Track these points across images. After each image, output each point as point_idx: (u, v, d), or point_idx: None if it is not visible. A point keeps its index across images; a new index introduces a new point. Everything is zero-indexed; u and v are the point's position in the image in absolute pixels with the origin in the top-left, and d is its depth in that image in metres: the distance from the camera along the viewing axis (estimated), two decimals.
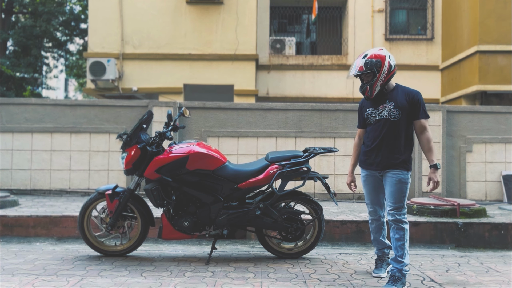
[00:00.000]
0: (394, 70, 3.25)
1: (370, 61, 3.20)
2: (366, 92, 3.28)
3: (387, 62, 3.21)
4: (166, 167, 3.73)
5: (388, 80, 3.25)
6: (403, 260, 3.15)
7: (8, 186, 6.64)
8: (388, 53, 3.27)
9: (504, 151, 6.76)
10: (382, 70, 3.19)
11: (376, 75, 3.20)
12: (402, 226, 3.19)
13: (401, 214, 3.21)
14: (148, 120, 3.96)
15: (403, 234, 3.18)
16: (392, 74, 3.24)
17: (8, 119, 6.67)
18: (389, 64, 3.23)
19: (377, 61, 3.20)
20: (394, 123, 3.23)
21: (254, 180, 3.80)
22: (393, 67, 3.24)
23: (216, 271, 3.52)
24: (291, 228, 3.88)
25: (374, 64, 3.19)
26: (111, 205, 3.86)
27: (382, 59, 3.21)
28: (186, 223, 3.79)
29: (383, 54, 3.24)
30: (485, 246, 4.74)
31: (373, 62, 3.19)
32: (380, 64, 3.19)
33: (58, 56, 18.46)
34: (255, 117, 6.76)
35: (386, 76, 3.22)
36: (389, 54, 3.27)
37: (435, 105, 6.89)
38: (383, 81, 3.22)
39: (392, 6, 12.30)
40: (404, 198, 3.23)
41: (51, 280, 3.22)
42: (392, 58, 3.28)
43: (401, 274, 3.15)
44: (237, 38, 10.78)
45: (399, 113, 3.21)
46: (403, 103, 3.23)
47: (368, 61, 3.21)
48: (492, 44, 9.76)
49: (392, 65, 3.24)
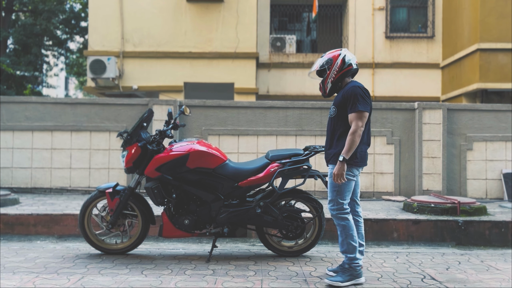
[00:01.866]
0: (348, 67, 3.25)
1: (323, 60, 3.30)
2: (320, 89, 3.37)
3: (339, 60, 3.24)
4: (167, 165, 3.73)
5: (341, 77, 3.26)
6: (347, 255, 3.21)
7: (8, 184, 6.64)
8: (346, 53, 3.28)
9: (505, 149, 6.75)
10: (332, 67, 3.25)
11: (326, 73, 3.28)
12: (337, 222, 3.24)
13: (335, 209, 3.22)
14: (149, 118, 3.96)
15: (341, 230, 3.22)
16: (345, 71, 3.25)
17: (9, 118, 6.67)
18: (342, 61, 3.24)
19: (329, 59, 3.28)
20: (331, 120, 3.31)
21: (255, 179, 3.80)
22: (347, 65, 3.25)
23: (216, 269, 3.52)
24: (292, 227, 3.88)
25: (326, 62, 3.28)
26: (111, 203, 3.87)
27: (335, 57, 3.26)
28: (186, 221, 3.79)
29: (338, 53, 3.29)
30: (485, 244, 4.74)
31: (325, 60, 3.28)
32: (331, 62, 3.26)
33: (58, 55, 18.45)
34: (256, 116, 6.76)
35: (337, 73, 3.24)
36: (345, 54, 3.28)
37: (435, 103, 6.89)
38: (334, 78, 3.25)
39: (393, 4, 12.28)
40: (335, 192, 3.21)
41: (51, 278, 3.23)
42: (350, 57, 3.28)
43: (350, 266, 3.20)
44: (237, 36, 10.77)
45: (335, 110, 3.26)
46: (338, 99, 3.24)
47: (321, 60, 3.31)
48: (493, 42, 9.75)
49: (347, 62, 3.25)
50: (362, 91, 3.15)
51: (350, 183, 3.22)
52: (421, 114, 6.68)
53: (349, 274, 3.18)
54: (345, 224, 3.22)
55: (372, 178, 6.73)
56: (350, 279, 3.18)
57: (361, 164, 3.24)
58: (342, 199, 3.22)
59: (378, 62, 12.02)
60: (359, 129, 3.09)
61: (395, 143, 6.73)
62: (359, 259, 3.23)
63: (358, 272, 3.21)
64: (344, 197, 3.22)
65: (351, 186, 3.25)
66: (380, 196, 6.68)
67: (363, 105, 3.11)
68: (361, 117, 3.11)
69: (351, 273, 3.18)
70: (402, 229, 4.79)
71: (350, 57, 3.28)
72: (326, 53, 3.37)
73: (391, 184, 6.73)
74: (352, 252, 3.20)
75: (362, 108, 3.10)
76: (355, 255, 3.21)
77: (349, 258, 3.21)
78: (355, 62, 3.31)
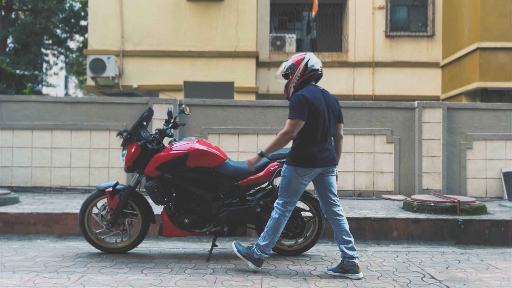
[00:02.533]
0: (311, 73, 3.31)
1: (286, 65, 3.37)
2: (285, 93, 3.45)
3: (302, 65, 3.30)
4: (167, 164, 3.74)
5: (304, 82, 3.32)
6: (259, 243, 3.36)
7: (8, 183, 6.64)
8: (310, 58, 3.33)
9: (505, 148, 6.76)
10: (295, 72, 3.31)
11: (289, 78, 3.36)
12: (273, 213, 3.36)
13: (279, 203, 3.35)
14: (149, 117, 3.96)
15: (272, 223, 3.34)
16: (308, 76, 3.31)
17: (9, 117, 6.67)
18: (305, 66, 3.30)
19: (292, 64, 3.33)
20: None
21: (255, 178, 3.80)
22: (310, 70, 3.30)
23: (216, 268, 3.52)
24: (292, 225, 3.88)
25: (289, 67, 3.34)
26: (111, 202, 3.86)
27: (298, 62, 3.32)
28: (186, 220, 3.79)
29: (301, 58, 3.33)
30: (485, 243, 4.75)
31: (288, 66, 3.35)
32: (294, 67, 3.32)
33: (58, 54, 18.44)
34: (255, 114, 6.76)
35: (300, 78, 3.31)
36: (309, 58, 3.32)
37: (435, 102, 6.89)
38: (296, 83, 3.33)
39: (393, 3, 12.27)
40: (282, 190, 3.33)
41: (51, 277, 3.23)
42: (314, 62, 3.32)
43: (253, 252, 3.38)
44: (237, 35, 10.76)
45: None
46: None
47: (286, 64, 3.38)
48: (493, 41, 9.74)
49: (309, 68, 3.30)
50: (301, 99, 3.17)
51: (296, 184, 3.27)
52: (421, 113, 6.68)
53: (249, 259, 3.40)
54: (275, 217, 3.33)
55: (372, 177, 6.73)
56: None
57: (311, 165, 3.24)
58: (285, 198, 3.31)
59: (378, 61, 12.01)
60: (287, 134, 3.17)
61: (395, 142, 6.73)
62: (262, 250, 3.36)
63: (259, 260, 3.39)
64: (288, 196, 3.30)
65: (297, 188, 3.29)
66: (380, 195, 6.68)
67: (294, 113, 3.17)
68: (291, 124, 3.17)
69: (251, 258, 3.38)
70: (402, 228, 4.80)
71: (313, 62, 3.32)
72: (291, 56, 3.41)
73: (391, 183, 6.73)
74: (264, 242, 3.34)
75: (291, 116, 3.17)
76: (262, 244, 3.34)
77: (259, 246, 3.36)
78: (320, 66, 3.36)
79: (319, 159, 3.25)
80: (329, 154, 3.30)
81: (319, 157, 3.25)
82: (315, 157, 3.24)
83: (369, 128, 6.70)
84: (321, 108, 3.22)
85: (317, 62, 3.34)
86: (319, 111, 3.21)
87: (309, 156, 3.23)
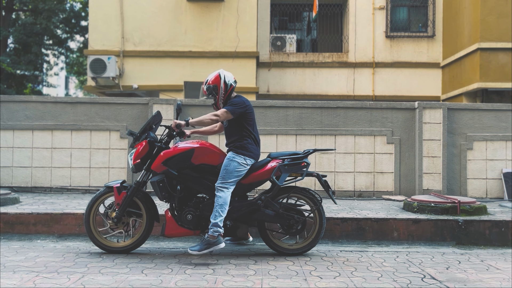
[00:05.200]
0: (231, 87, 3.95)
1: (208, 87, 3.92)
2: (214, 107, 4.04)
3: (222, 84, 3.92)
4: (173, 159, 3.84)
5: (228, 96, 3.95)
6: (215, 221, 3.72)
7: (8, 183, 6.64)
8: (224, 74, 3.93)
9: (505, 148, 6.75)
10: (219, 92, 3.93)
11: (215, 97, 3.94)
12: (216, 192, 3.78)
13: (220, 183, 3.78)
14: (157, 120, 4.10)
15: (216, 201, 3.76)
16: (230, 91, 3.95)
17: (9, 117, 6.67)
18: (225, 84, 3.92)
19: (214, 86, 3.91)
20: (225, 129, 4.08)
21: (256, 174, 3.92)
22: (229, 86, 3.94)
23: (216, 268, 3.52)
24: (293, 220, 3.95)
25: (212, 89, 3.91)
26: (118, 197, 3.91)
27: (218, 83, 3.91)
28: (189, 216, 3.88)
29: (217, 76, 3.92)
30: (485, 244, 4.74)
31: (210, 88, 3.91)
32: (217, 88, 3.92)
33: (58, 54, 18.46)
34: (256, 115, 6.72)
35: (225, 94, 3.94)
36: (224, 75, 3.93)
37: (435, 103, 6.88)
38: (223, 99, 3.95)
39: (393, 3, 12.27)
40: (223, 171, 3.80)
41: (52, 278, 3.23)
42: (228, 77, 3.94)
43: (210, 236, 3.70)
44: (237, 36, 10.76)
45: (226, 122, 3.99)
46: None
47: (206, 87, 3.93)
48: (493, 41, 9.74)
49: (228, 84, 3.93)
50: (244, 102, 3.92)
51: (239, 169, 3.79)
52: (421, 114, 6.67)
53: (204, 243, 3.69)
54: (220, 196, 3.73)
55: (372, 177, 6.73)
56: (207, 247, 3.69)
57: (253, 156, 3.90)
58: (226, 180, 3.76)
59: (378, 61, 12.01)
60: (214, 118, 3.83)
61: (395, 142, 6.73)
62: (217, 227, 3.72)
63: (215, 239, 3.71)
64: (229, 178, 3.76)
65: (238, 172, 3.79)
66: (380, 196, 6.68)
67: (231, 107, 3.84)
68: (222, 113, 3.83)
69: (206, 242, 3.70)
70: (402, 228, 4.79)
71: (228, 78, 3.94)
72: (207, 79, 3.94)
73: (391, 183, 6.73)
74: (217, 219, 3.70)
75: (227, 108, 3.83)
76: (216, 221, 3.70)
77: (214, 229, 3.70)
78: (233, 79, 3.98)
79: (257, 153, 4.00)
80: None
81: (256, 152, 4.00)
82: (256, 151, 3.98)
83: (369, 129, 6.69)
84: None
85: (230, 77, 3.96)
86: (242, 112, 3.89)
87: (253, 149, 3.95)
